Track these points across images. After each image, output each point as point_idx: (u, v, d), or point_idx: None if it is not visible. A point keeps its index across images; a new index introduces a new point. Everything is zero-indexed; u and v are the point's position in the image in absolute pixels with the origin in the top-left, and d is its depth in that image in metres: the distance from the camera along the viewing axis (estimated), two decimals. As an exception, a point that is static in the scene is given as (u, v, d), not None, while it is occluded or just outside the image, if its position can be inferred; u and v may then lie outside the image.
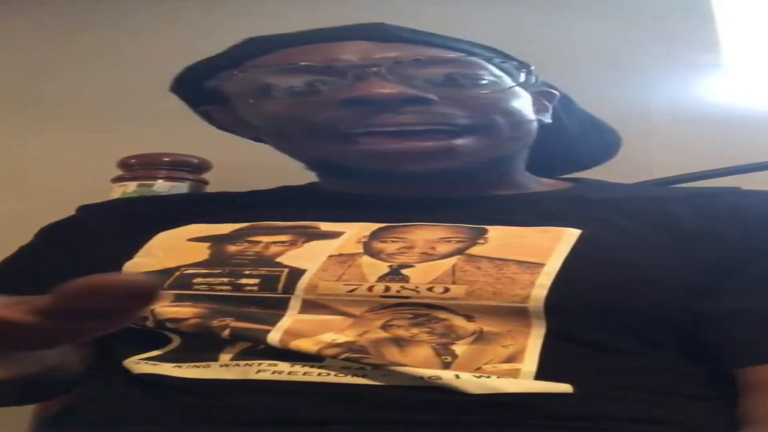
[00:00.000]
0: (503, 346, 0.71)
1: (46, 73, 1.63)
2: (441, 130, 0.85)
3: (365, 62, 0.84)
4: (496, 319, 0.72)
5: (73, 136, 1.56)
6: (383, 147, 0.84)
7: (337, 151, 0.86)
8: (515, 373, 0.69)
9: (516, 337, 0.71)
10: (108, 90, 1.57)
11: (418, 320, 0.73)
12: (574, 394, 0.69)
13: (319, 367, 0.71)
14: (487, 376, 0.69)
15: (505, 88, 0.88)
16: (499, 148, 0.89)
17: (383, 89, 0.83)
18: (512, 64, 0.89)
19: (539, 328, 0.72)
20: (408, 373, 0.69)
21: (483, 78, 0.87)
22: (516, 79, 0.89)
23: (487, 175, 0.90)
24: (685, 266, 0.77)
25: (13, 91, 1.62)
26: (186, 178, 1.37)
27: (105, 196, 1.32)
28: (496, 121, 0.87)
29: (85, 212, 0.97)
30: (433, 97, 0.84)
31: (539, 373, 0.70)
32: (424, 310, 0.73)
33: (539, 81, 0.94)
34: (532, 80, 0.91)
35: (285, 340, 0.73)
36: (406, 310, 0.73)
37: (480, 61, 0.88)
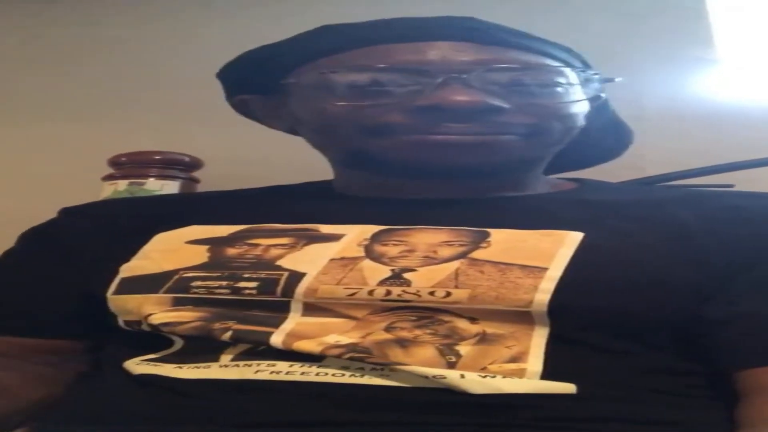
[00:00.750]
0: (507, 347, 0.71)
1: (35, 69, 1.61)
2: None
3: (451, 68, 0.81)
4: (499, 322, 0.72)
5: (63, 133, 1.55)
6: (428, 138, 0.82)
7: (379, 145, 0.84)
8: (521, 373, 0.69)
9: (519, 338, 0.71)
10: (99, 87, 1.55)
11: (421, 322, 0.73)
12: (578, 395, 0.69)
13: (318, 367, 0.71)
14: (492, 376, 0.69)
15: (576, 101, 0.87)
16: (542, 149, 0.88)
17: (463, 97, 0.81)
18: (590, 74, 0.88)
19: (542, 329, 0.72)
20: (413, 372, 0.69)
21: (557, 85, 0.85)
22: (588, 90, 0.88)
23: (497, 175, 0.88)
24: (688, 269, 0.76)
25: (1, 87, 1.61)
26: (177, 177, 1.36)
27: (95, 195, 1.32)
28: (553, 126, 0.86)
29: (69, 215, 0.95)
30: (507, 106, 0.83)
31: (544, 374, 0.70)
32: (427, 313, 0.73)
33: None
34: (602, 92, 0.90)
35: (288, 342, 0.72)
36: (409, 313, 0.73)
37: (559, 68, 0.86)
